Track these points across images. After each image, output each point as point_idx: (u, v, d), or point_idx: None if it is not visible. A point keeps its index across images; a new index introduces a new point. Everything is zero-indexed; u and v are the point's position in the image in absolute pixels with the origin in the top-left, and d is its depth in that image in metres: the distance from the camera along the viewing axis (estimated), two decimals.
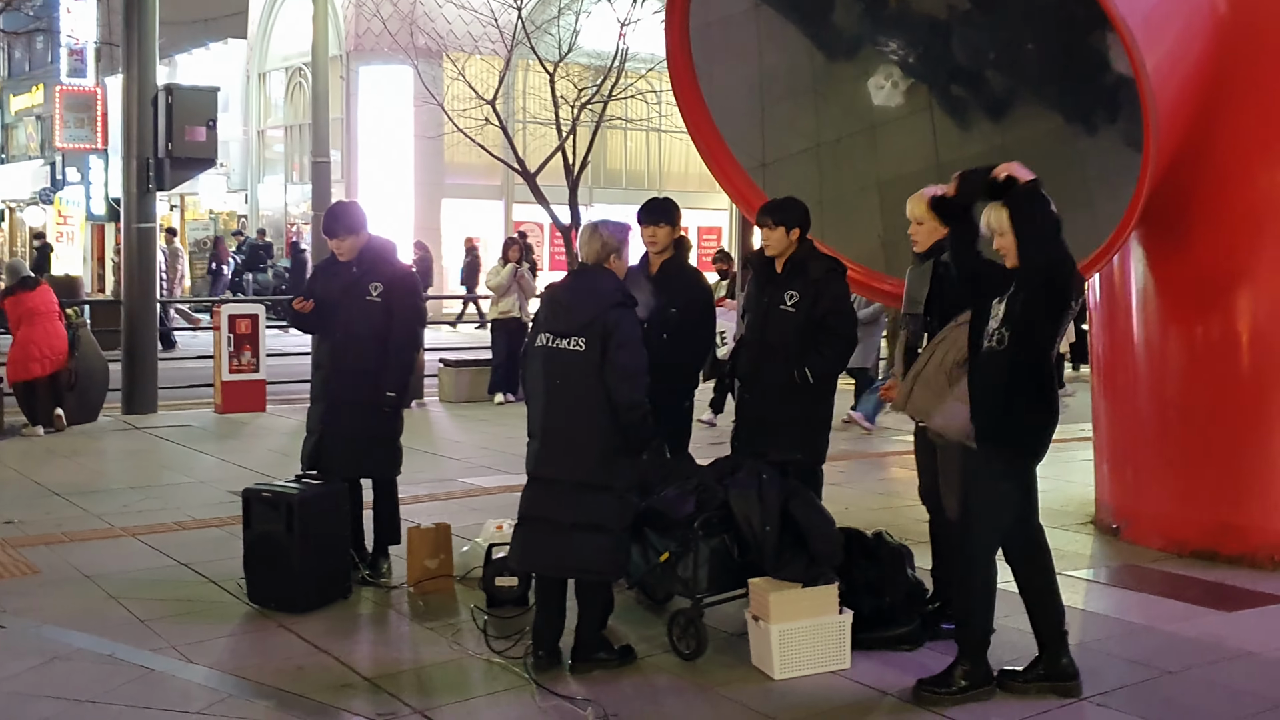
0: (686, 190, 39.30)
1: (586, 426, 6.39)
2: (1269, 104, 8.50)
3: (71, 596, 7.85)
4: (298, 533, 7.48)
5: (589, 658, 6.55)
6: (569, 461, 6.45)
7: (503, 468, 12.27)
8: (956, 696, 6.10)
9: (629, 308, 6.49)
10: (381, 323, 8.03)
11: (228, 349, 16.07)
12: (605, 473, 6.40)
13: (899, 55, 9.63)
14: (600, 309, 6.39)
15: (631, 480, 6.56)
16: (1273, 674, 6.58)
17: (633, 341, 6.38)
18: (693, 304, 8.13)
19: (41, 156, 51.56)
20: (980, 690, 6.16)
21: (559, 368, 6.45)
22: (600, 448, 6.38)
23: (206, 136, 16.04)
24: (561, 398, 6.46)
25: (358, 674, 6.52)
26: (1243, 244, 8.63)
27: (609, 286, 6.50)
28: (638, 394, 6.34)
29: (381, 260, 8.18)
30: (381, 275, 8.09)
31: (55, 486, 11.18)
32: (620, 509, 6.46)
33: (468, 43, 31.98)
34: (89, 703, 6.07)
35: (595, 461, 6.39)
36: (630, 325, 6.43)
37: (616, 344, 6.33)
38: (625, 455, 6.46)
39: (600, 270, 6.58)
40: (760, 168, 9.88)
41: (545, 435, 6.54)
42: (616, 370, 6.32)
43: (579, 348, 6.38)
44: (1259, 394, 8.58)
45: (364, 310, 8.04)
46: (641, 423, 6.37)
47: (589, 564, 6.44)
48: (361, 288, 8.06)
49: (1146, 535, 9.07)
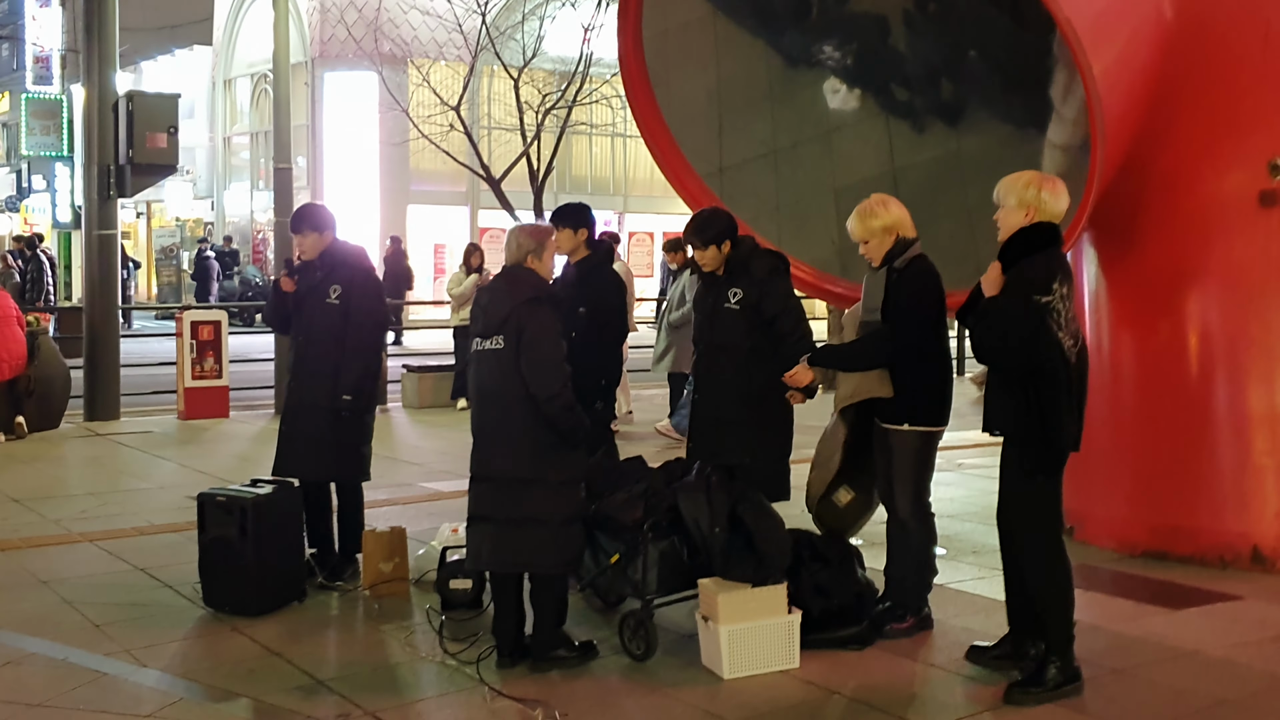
0: (652, 195, 39.41)
1: (512, 422, 6.55)
2: (1214, 108, 8.58)
3: (26, 602, 7.86)
4: (251, 536, 7.51)
5: (546, 656, 6.61)
6: (500, 458, 6.60)
7: (462, 472, 12.10)
8: (1053, 693, 6.16)
9: (543, 302, 6.60)
10: (339, 326, 8.06)
11: (190, 355, 16.05)
12: (536, 466, 6.52)
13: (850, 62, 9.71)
14: (512, 306, 6.55)
15: (570, 473, 6.64)
16: (1215, 672, 6.64)
17: (545, 335, 6.52)
18: (601, 306, 8.20)
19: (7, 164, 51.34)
20: (1072, 686, 6.23)
21: (485, 367, 6.65)
22: (529, 442, 6.52)
23: (168, 143, 16.00)
24: (489, 396, 6.65)
25: (310, 676, 6.54)
26: (1191, 247, 8.70)
27: (523, 284, 6.64)
28: (554, 386, 6.45)
29: (344, 264, 8.21)
30: (341, 278, 8.13)
31: (13, 492, 11.17)
32: (557, 501, 6.55)
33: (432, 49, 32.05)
34: (41, 706, 6.09)
35: (525, 456, 6.52)
36: (542, 319, 6.55)
37: (529, 338, 6.48)
38: (560, 449, 6.56)
39: (519, 270, 6.72)
40: (717, 173, 9.94)
41: (478, 434, 6.73)
42: (530, 364, 6.46)
43: (498, 346, 6.57)
44: (1208, 397, 8.66)
45: (323, 312, 8.09)
46: (563, 413, 6.48)
47: (530, 558, 6.56)
48: (322, 290, 8.11)
49: (1099, 536, 9.14)
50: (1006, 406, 6.22)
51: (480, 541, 6.67)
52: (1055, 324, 6.07)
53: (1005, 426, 6.27)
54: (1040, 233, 6.20)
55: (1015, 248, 6.20)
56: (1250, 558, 8.49)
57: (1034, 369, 6.08)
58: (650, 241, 39.77)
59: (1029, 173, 6.35)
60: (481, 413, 6.72)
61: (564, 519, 6.57)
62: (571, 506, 6.63)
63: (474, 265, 17.45)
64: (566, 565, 6.69)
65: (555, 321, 6.63)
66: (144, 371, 18.33)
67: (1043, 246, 6.18)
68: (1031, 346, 6.05)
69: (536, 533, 6.51)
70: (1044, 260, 6.16)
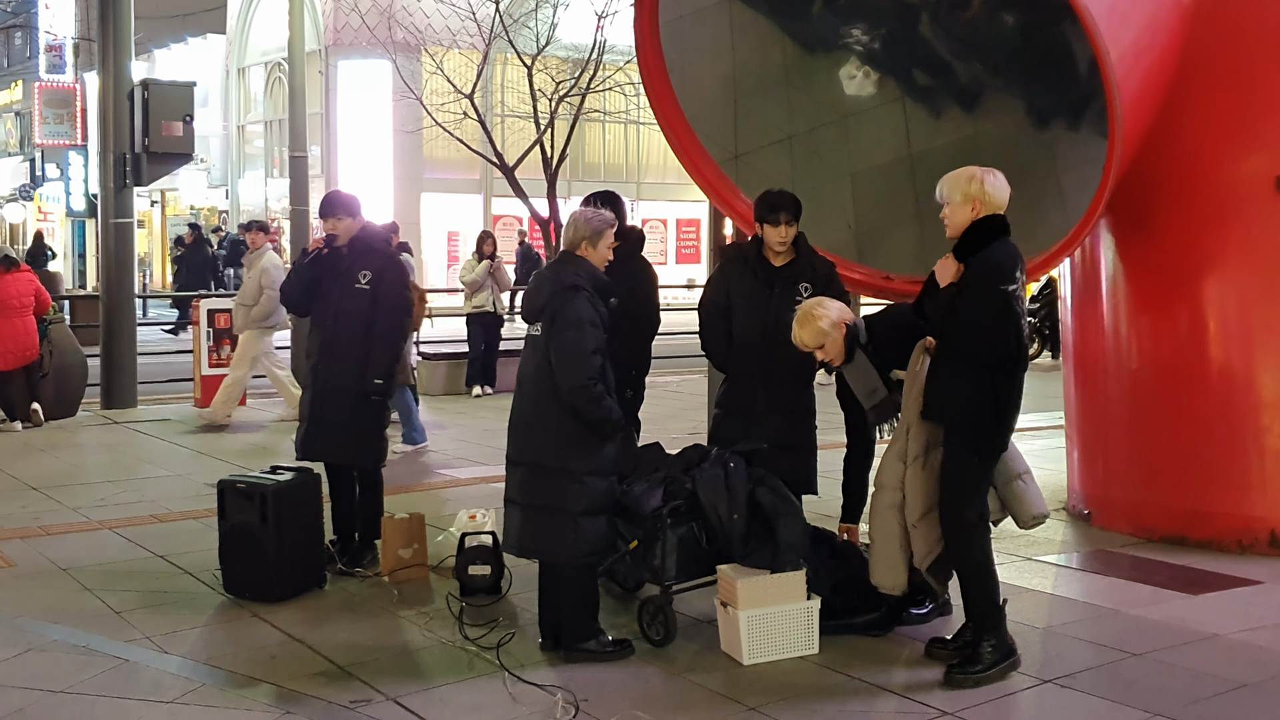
0: (665, 182, 39.40)
1: (541, 410, 6.53)
2: (1232, 93, 8.57)
3: (47, 589, 7.90)
4: (272, 523, 7.54)
5: (574, 647, 6.59)
6: (527, 444, 6.61)
7: (479, 459, 12.35)
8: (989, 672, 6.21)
9: (578, 290, 6.51)
10: (369, 311, 8.12)
11: (207, 344, 16.09)
12: (561, 455, 6.48)
13: (868, 46, 9.69)
14: (549, 293, 6.53)
15: (597, 465, 6.55)
16: (1234, 656, 6.65)
17: (575, 324, 6.43)
18: (634, 295, 8.19)
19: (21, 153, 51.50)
20: (1009, 662, 6.28)
21: (527, 353, 6.67)
22: (556, 431, 6.48)
23: (183, 131, 16.02)
24: (523, 381, 6.67)
25: (331, 662, 6.57)
26: (1209, 232, 8.70)
27: (567, 271, 6.59)
28: (577, 377, 6.38)
29: (371, 249, 8.27)
30: (371, 264, 8.19)
31: (32, 480, 11.22)
32: (579, 492, 6.48)
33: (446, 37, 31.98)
34: (63, 693, 6.12)
35: (552, 444, 6.50)
36: (574, 308, 6.46)
37: (558, 327, 6.44)
38: (588, 440, 6.51)
39: (568, 256, 6.67)
40: (732, 159, 9.93)
41: (512, 418, 6.72)
42: (556, 352, 6.43)
43: (537, 333, 6.57)
44: (1226, 381, 8.66)
45: (353, 297, 8.13)
46: (587, 405, 6.40)
47: (546, 545, 6.56)
48: (351, 275, 8.15)
49: (1116, 521, 9.15)
50: (955, 394, 6.22)
51: (509, 524, 6.70)
52: (1019, 311, 6.12)
53: (952, 413, 6.26)
54: (990, 224, 6.24)
55: (970, 241, 6.23)
56: (1268, 542, 8.49)
57: (1000, 356, 6.11)
58: (664, 229, 39.74)
59: (970, 168, 6.35)
60: (517, 397, 6.72)
61: (584, 511, 6.49)
62: (595, 500, 6.53)
63: (486, 252, 17.46)
64: (585, 557, 6.59)
65: (590, 311, 6.50)
66: (160, 360, 18.37)
67: (995, 237, 6.21)
68: (1000, 334, 6.09)
69: (555, 522, 6.49)
70: (1002, 250, 6.20)
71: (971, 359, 6.17)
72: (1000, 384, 6.17)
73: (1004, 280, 6.11)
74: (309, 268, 8.28)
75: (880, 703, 6.08)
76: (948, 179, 6.35)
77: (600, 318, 6.54)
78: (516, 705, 5.99)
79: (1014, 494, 6.71)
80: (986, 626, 6.32)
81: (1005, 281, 6.11)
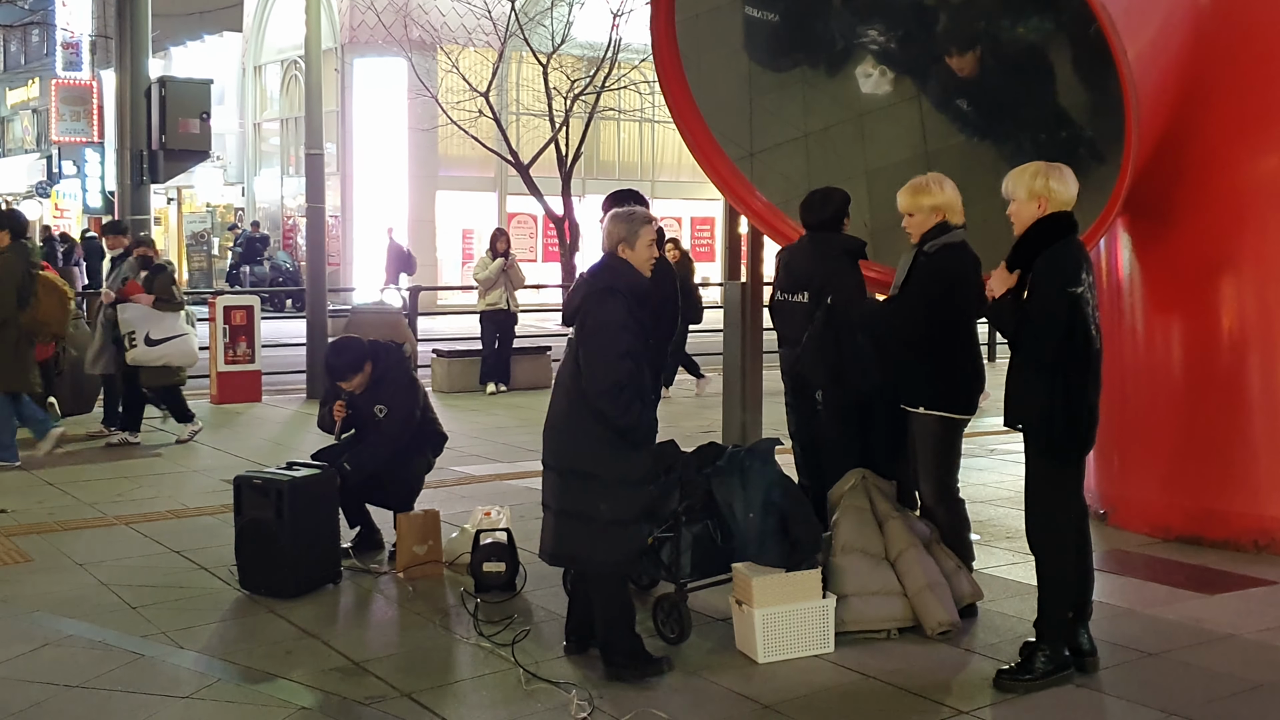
0: (680, 180, 39.39)
1: (572, 414, 6.34)
2: (1250, 91, 8.55)
3: (63, 584, 7.92)
4: (288, 519, 7.55)
5: (610, 660, 6.38)
6: (558, 448, 6.42)
7: (493, 456, 12.36)
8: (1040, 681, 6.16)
9: (615, 294, 6.30)
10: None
11: (223, 340, 16.13)
12: (591, 461, 6.27)
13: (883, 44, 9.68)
14: (583, 296, 6.38)
15: (627, 472, 6.29)
16: (1250, 656, 6.63)
17: (603, 327, 6.24)
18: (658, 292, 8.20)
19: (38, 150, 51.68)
20: (1062, 674, 6.23)
21: (565, 356, 6.51)
22: (586, 436, 6.28)
23: (200, 129, 16.06)
24: (559, 385, 6.50)
25: (346, 658, 6.58)
26: (1226, 231, 8.68)
27: (601, 274, 6.41)
28: (604, 382, 6.17)
29: (381, 382, 8.47)
30: (381, 397, 8.43)
31: (48, 476, 11.24)
32: (608, 499, 6.24)
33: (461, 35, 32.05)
34: (79, 688, 6.14)
35: (582, 450, 6.30)
36: (604, 311, 6.27)
37: (588, 329, 6.28)
38: (620, 446, 6.26)
39: (608, 259, 6.46)
40: (748, 157, 9.94)
41: (546, 421, 6.52)
42: (585, 356, 6.26)
43: (570, 336, 6.45)
44: (1242, 381, 8.64)
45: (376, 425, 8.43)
46: (615, 411, 6.16)
47: (574, 552, 6.39)
48: (369, 410, 8.43)
49: (1132, 521, 9.13)
50: (1030, 397, 6.18)
51: (542, 528, 6.53)
52: (1088, 313, 6.07)
53: (1029, 417, 6.22)
54: (1057, 222, 6.16)
55: (1035, 240, 6.16)
56: None
57: (1069, 358, 6.07)
58: (679, 227, 39.69)
59: (1035, 163, 6.26)
60: (551, 400, 6.55)
61: (614, 518, 6.25)
62: (625, 507, 6.28)
63: (500, 250, 17.46)
64: (614, 566, 6.39)
65: (623, 314, 6.26)
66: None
67: (1061, 235, 6.15)
68: (1068, 337, 6.04)
69: (582, 528, 6.29)
70: (1069, 250, 6.14)
71: (1040, 361, 6.10)
72: (1073, 384, 6.09)
73: (1070, 282, 6.04)
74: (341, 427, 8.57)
75: (896, 702, 6.06)
76: (1013, 175, 6.26)
77: (635, 322, 6.31)
78: (531, 702, 5.99)
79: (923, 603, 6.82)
80: (1046, 636, 6.27)
81: (1071, 283, 6.04)
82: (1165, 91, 8.26)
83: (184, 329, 12.92)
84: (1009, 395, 6.30)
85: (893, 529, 7.07)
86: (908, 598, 6.85)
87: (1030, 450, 6.27)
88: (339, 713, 5.91)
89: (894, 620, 6.83)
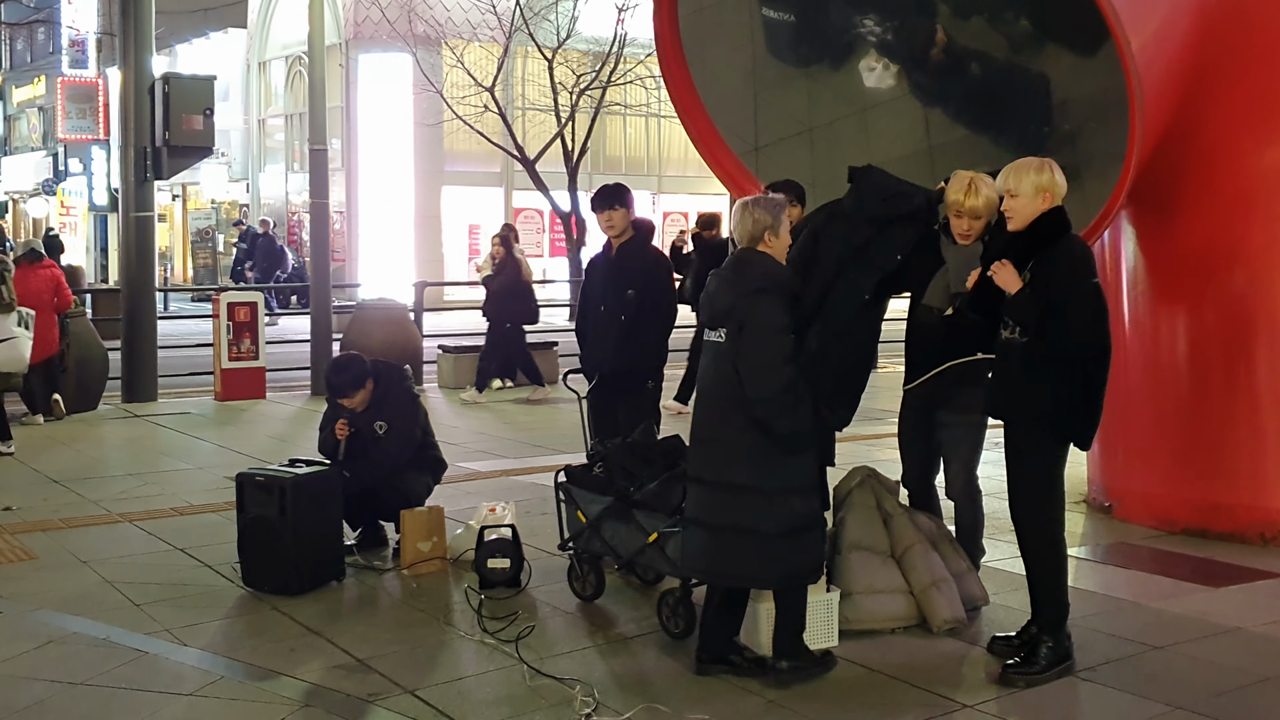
0: (686, 175, 39.36)
1: (726, 423, 6.05)
2: (1256, 83, 8.52)
3: (67, 581, 7.92)
4: (291, 516, 7.55)
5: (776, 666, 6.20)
6: (710, 460, 6.13)
7: (498, 452, 12.36)
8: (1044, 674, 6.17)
9: (770, 293, 6.01)
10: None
11: (227, 337, 16.13)
12: (749, 473, 5.99)
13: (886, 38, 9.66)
14: (737, 296, 6.03)
15: (789, 481, 6.04)
16: (1257, 649, 6.62)
17: (766, 330, 5.92)
18: (652, 285, 8.21)
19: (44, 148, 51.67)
20: (1064, 665, 6.24)
21: (709, 360, 6.18)
22: (743, 446, 6.00)
23: (204, 125, 16.03)
24: (705, 394, 6.20)
25: (350, 655, 6.57)
26: (1232, 223, 8.65)
27: (754, 271, 6.07)
28: (771, 388, 5.89)
29: (384, 400, 8.48)
30: (383, 414, 8.44)
31: (53, 473, 11.25)
32: (771, 511, 5.99)
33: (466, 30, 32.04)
34: (83, 685, 6.14)
35: (738, 460, 6.01)
36: (767, 313, 5.95)
37: (749, 333, 5.94)
38: (778, 454, 6.01)
39: (751, 254, 6.15)
40: (752, 152, 9.92)
41: (694, 431, 6.23)
42: (746, 363, 5.93)
43: (720, 339, 6.08)
44: (1248, 373, 8.62)
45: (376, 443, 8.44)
46: (778, 419, 5.92)
47: (737, 569, 6.11)
48: (371, 429, 8.42)
49: (1138, 514, 9.12)
50: (1043, 387, 6.14)
51: (689, 544, 6.28)
52: (1104, 303, 6.10)
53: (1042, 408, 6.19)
54: (1060, 216, 6.16)
55: (1041, 234, 6.14)
56: None
57: (1095, 349, 6.08)
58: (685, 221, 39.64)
59: (1033, 159, 6.22)
60: (698, 408, 6.25)
61: (778, 531, 5.99)
62: (790, 518, 6.01)
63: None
64: (788, 580, 6.14)
65: (781, 315, 5.98)
66: (181, 353, 18.42)
67: (1066, 229, 6.15)
68: (1095, 328, 6.06)
69: (748, 543, 6.01)
70: (1077, 242, 6.17)
71: (1064, 354, 6.06)
72: (1095, 375, 6.11)
73: (1090, 273, 6.08)
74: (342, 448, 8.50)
75: (901, 695, 6.05)
76: (1013, 169, 6.19)
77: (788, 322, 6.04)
78: (536, 699, 5.98)
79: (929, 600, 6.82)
80: (1048, 627, 6.28)
81: (1091, 274, 6.08)
82: (1169, 83, 8.24)
83: (13, 331, 12.56)
84: (1008, 387, 6.27)
85: (898, 526, 7.06)
86: (914, 595, 6.85)
87: (1033, 442, 6.25)
88: (343, 710, 5.90)
89: (899, 619, 6.83)
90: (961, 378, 7.03)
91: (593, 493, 7.22)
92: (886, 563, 6.96)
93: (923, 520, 7.18)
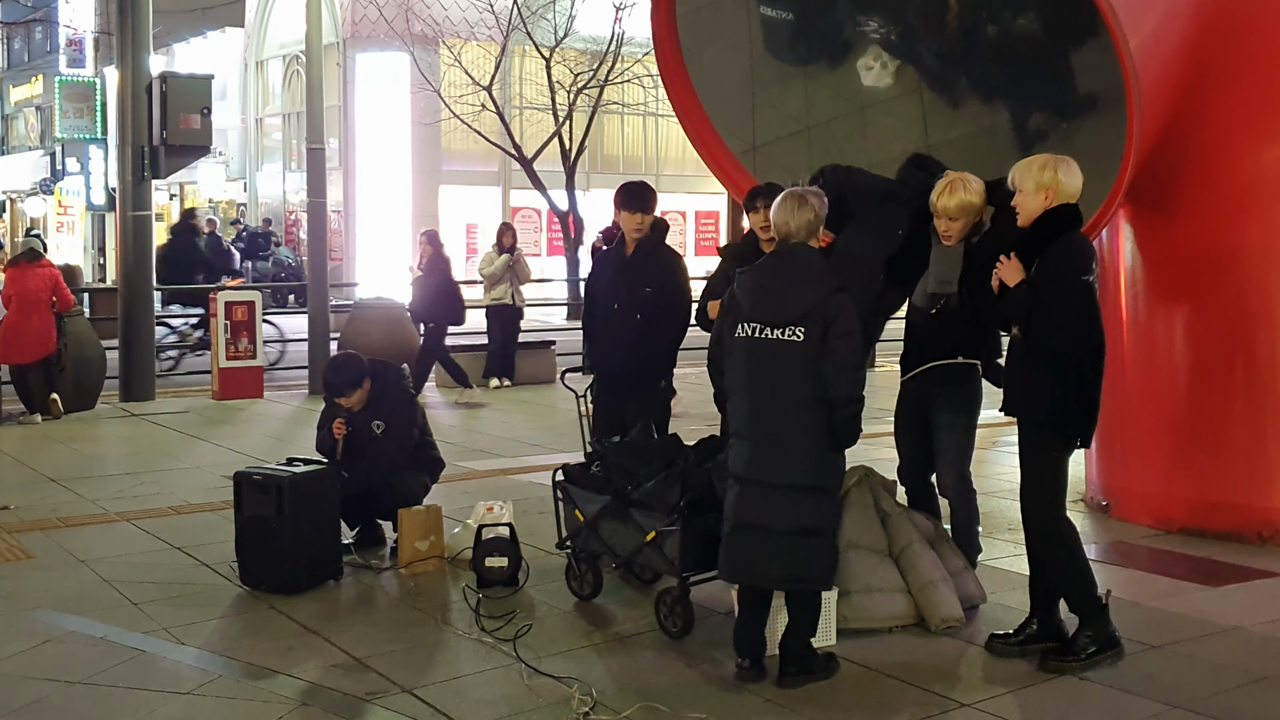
0: (683, 174, 39.36)
1: (799, 424, 5.94)
2: (1255, 80, 8.52)
3: (65, 580, 7.91)
4: (288, 515, 7.54)
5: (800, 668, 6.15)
6: (778, 463, 5.98)
7: (496, 451, 12.35)
8: (1086, 661, 6.22)
9: (847, 294, 5.95)
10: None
11: (224, 336, 16.12)
12: (819, 473, 5.98)
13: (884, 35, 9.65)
14: (820, 295, 5.91)
15: (838, 479, 6.17)
16: (1255, 648, 6.62)
17: (855, 331, 5.90)
18: (667, 285, 8.20)
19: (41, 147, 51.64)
20: (1112, 652, 6.29)
21: (769, 360, 5.98)
22: (815, 447, 5.95)
23: (201, 124, 16.03)
24: (772, 393, 6.01)
25: (347, 654, 6.56)
26: (1230, 221, 8.65)
27: (825, 269, 6.04)
28: (857, 390, 5.90)
29: (381, 400, 8.48)
30: (380, 413, 8.45)
31: (51, 472, 11.24)
32: (832, 510, 6.12)
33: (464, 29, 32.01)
34: (80, 684, 6.13)
35: (809, 462, 5.95)
36: (852, 313, 5.91)
37: (839, 333, 5.84)
38: (836, 453, 6.03)
39: (807, 250, 6.06)
40: (750, 151, 9.91)
41: (753, 434, 6.05)
42: (837, 362, 5.84)
43: (796, 339, 5.89)
44: (1247, 372, 8.61)
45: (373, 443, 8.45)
46: (854, 420, 5.92)
47: (804, 572, 6.03)
48: (369, 428, 8.42)
49: (1135, 513, 9.12)
50: (1041, 385, 6.18)
51: (743, 550, 6.09)
52: (1098, 302, 6.11)
53: (1040, 405, 6.22)
54: (1064, 214, 6.18)
55: (1042, 231, 6.16)
56: None
57: (1086, 346, 6.10)
58: (683, 221, 39.70)
59: (1042, 155, 6.29)
60: (757, 410, 6.04)
61: (834, 529, 6.19)
62: (838, 515, 6.27)
63: (506, 245, 17.45)
64: (830, 577, 6.21)
65: (857, 318, 5.96)
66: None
67: (1069, 227, 6.17)
68: (1086, 325, 6.08)
69: (816, 544, 5.99)
70: (1077, 240, 6.18)
71: (1055, 351, 6.12)
72: (1086, 374, 6.14)
73: (1084, 271, 6.09)
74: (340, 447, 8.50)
75: (899, 694, 6.05)
76: (1019, 166, 6.27)
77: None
78: (533, 697, 5.98)
79: (927, 599, 6.82)
80: (1085, 617, 6.32)
81: (1085, 272, 6.09)
82: (1167, 81, 8.23)
83: None
84: (1012, 383, 6.34)
85: (896, 525, 7.06)
86: (911, 594, 6.85)
87: (1035, 439, 6.28)
88: (340, 708, 5.89)
89: (897, 618, 6.83)
90: (946, 378, 7.13)
91: (590, 492, 7.22)
92: (884, 561, 6.96)
93: (920, 519, 7.18)
